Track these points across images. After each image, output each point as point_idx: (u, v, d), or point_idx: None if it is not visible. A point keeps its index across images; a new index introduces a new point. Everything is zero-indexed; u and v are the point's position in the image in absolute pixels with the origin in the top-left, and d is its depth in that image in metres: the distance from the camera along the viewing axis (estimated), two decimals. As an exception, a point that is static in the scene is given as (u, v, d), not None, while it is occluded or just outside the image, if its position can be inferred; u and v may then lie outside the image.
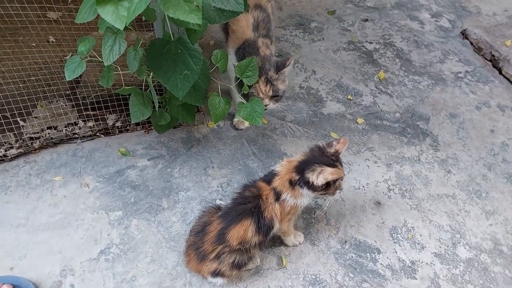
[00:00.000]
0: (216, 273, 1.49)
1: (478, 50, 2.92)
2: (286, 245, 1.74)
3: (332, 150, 1.49)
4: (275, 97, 1.82)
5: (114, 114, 2.04)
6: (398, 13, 3.25)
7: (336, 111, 2.39)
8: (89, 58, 1.50)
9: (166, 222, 1.78)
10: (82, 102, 1.96)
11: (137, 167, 1.97)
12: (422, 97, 2.54)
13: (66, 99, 2.05)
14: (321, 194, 1.51)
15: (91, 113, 2.02)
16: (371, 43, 2.91)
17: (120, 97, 1.96)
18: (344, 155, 2.14)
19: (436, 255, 1.78)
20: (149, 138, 2.10)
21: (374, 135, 2.27)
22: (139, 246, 1.69)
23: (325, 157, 1.48)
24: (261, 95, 1.78)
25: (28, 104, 1.89)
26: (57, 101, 2.05)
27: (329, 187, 1.47)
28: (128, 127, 2.08)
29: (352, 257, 1.74)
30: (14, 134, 1.92)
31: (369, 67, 2.70)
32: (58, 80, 2.03)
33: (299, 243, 1.75)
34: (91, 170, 1.93)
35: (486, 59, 2.87)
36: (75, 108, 2.01)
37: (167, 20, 1.36)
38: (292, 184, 1.47)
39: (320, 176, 1.41)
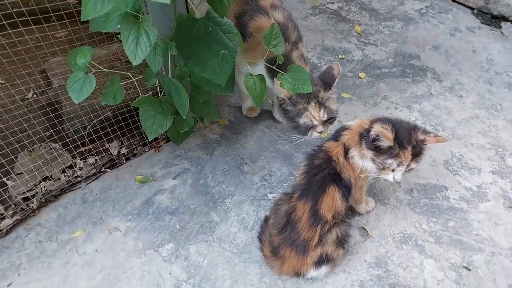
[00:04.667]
0: (321, 261, 1.32)
1: (426, -15, 3.04)
2: (360, 214, 1.61)
3: (420, 137, 1.31)
4: (330, 119, 1.51)
5: (116, 141, 1.73)
6: (341, -30, 3.26)
7: (334, 73, 2.30)
8: (93, 71, 1.22)
9: (227, 236, 1.54)
10: (74, 138, 1.62)
11: (165, 190, 1.69)
12: (402, 39, 2.56)
13: (51, 140, 1.68)
14: (375, 163, 1.32)
15: (89, 147, 1.68)
16: (332, 3, 2.87)
17: (120, 118, 1.66)
18: (365, 110, 2.06)
19: (494, 172, 1.78)
20: (163, 156, 1.82)
21: (381, 84, 2.22)
22: (210, 273, 1.43)
23: (408, 135, 1.29)
24: (315, 122, 1.48)
25: (12, 158, 1.51)
26: (39, 147, 1.68)
27: (379, 155, 1.29)
28: (135, 151, 1.78)
29: (425, 202, 1.66)
30: (1, 201, 1.53)
31: (343, 24, 2.66)
32: (29, 123, 1.66)
33: (372, 208, 1.63)
34: (113, 211, 1.61)
35: (436, -9, 2.99)
36: (71, 146, 1.64)
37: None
38: (361, 137, 1.34)
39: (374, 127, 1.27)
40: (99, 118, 1.63)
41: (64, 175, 1.63)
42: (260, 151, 1.86)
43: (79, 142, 1.61)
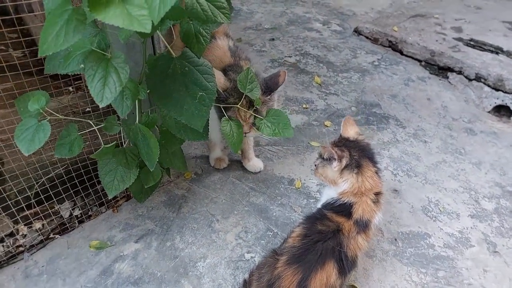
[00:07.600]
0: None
1: (375, 41, 3.25)
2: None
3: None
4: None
5: (68, 201, 1.49)
6: (295, 28, 3.41)
7: (301, 122, 2.27)
8: (48, 118, 1.04)
9: (203, 308, 1.32)
10: (18, 200, 1.37)
11: (126, 255, 1.45)
12: (361, 88, 2.64)
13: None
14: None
15: (35, 210, 1.43)
16: (290, 56, 2.94)
17: (73, 174, 1.45)
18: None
19: (472, 216, 1.76)
20: (122, 217, 1.60)
21: (349, 132, 2.22)
22: None
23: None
24: (240, 121, 1.42)
25: None
26: (-32, 215, 1.39)
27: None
28: (89, 213, 1.55)
29: (411, 252, 1.58)
30: None
31: (303, 76, 2.71)
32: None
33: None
34: (64, 286, 1.34)
35: (384, 46, 3.20)
36: (13, 210, 1.38)
37: (160, 35, 1.04)
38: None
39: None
40: (49, 175, 1.41)
41: (3, 246, 1.35)
42: (232, 206, 1.70)
43: (23, 205, 1.35)
